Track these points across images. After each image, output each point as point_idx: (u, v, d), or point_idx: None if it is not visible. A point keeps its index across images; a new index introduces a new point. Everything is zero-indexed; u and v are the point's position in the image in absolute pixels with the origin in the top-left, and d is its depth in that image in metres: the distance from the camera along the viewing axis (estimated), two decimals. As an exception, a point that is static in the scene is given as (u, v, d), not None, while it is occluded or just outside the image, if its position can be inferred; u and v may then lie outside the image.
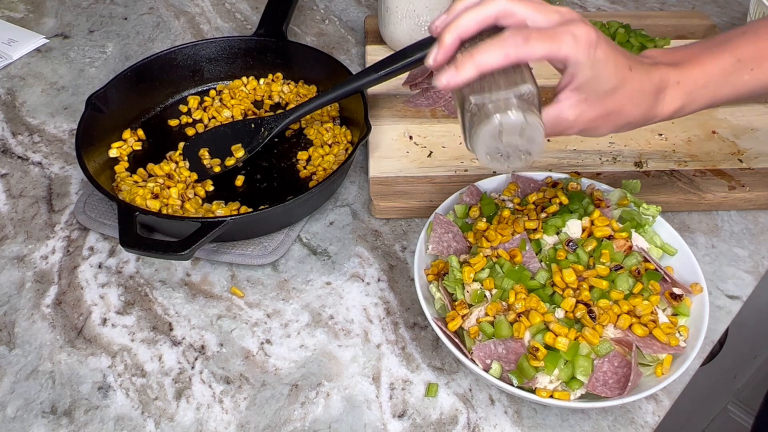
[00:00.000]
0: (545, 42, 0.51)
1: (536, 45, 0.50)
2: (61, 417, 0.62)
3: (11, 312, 0.70)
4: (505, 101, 0.51)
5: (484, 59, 0.50)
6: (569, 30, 0.51)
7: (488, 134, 0.51)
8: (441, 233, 0.68)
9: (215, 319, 0.69)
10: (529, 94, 0.51)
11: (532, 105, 0.51)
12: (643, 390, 0.57)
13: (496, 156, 0.53)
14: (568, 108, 0.54)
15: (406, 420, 0.62)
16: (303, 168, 0.81)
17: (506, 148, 0.53)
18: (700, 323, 0.61)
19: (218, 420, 0.62)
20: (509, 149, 0.53)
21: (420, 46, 0.79)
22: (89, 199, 0.78)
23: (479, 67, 0.50)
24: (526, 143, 0.52)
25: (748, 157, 0.82)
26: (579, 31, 0.51)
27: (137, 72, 0.86)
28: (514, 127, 0.51)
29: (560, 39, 0.51)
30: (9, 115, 0.92)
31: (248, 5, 1.11)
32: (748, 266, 0.73)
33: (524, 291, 0.62)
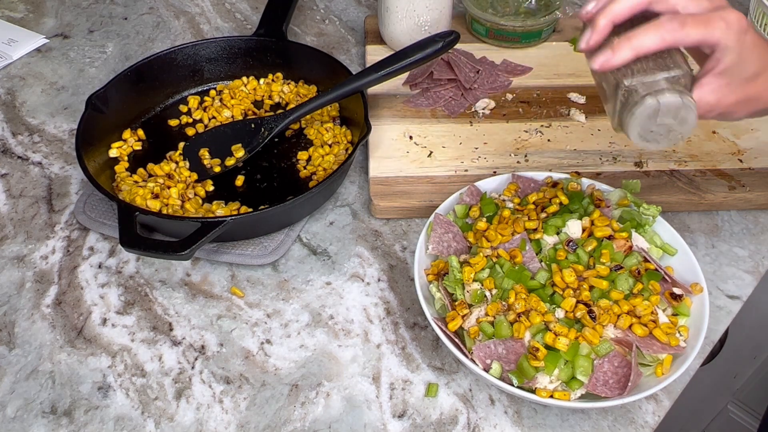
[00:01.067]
0: (700, 27, 0.52)
1: (691, 30, 0.52)
2: (61, 417, 0.62)
3: (11, 312, 0.70)
4: (663, 83, 0.53)
5: (641, 42, 0.52)
6: (721, 16, 0.53)
7: (645, 115, 0.53)
8: (441, 233, 0.68)
9: (215, 319, 0.69)
10: (684, 76, 0.54)
11: (686, 88, 0.54)
12: (643, 390, 0.57)
13: (648, 136, 0.55)
14: (710, 92, 0.55)
15: (406, 420, 0.62)
16: (303, 168, 0.81)
17: (659, 128, 0.54)
18: (700, 323, 0.61)
19: (218, 420, 0.62)
20: (661, 129, 0.55)
21: (420, 46, 0.79)
22: (89, 199, 0.78)
23: (636, 49, 0.53)
24: (678, 124, 0.54)
25: (748, 157, 0.82)
26: (730, 16, 0.53)
27: (137, 72, 0.86)
28: (670, 108, 0.53)
29: (714, 24, 0.52)
30: (9, 115, 0.92)
31: (248, 5, 1.11)
32: (748, 266, 0.73)
33: (524, 291, 0.62)
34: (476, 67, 0.93)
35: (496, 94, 0.91)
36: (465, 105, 0.89)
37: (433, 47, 0.79)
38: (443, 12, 0.94)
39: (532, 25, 0.96)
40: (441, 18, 0.94)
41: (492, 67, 0.94)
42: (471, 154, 0.83)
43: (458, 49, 0.94)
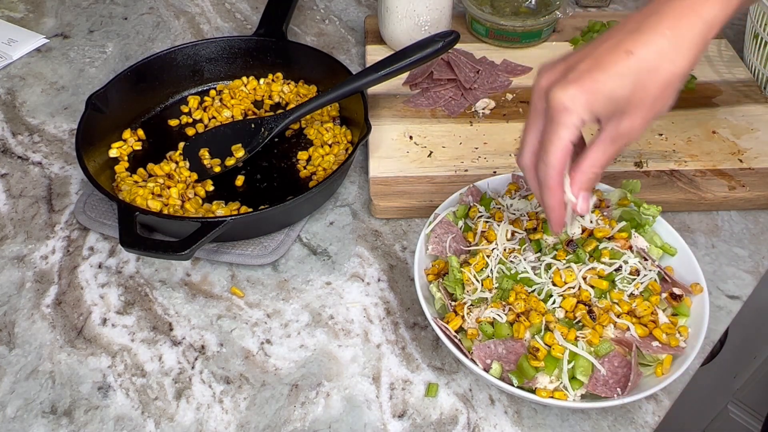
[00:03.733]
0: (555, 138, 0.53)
1: (553, 145, 0.53)
2: (61, 417, 0.62)
3: (11, 312, 0.70)
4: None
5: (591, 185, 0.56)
6: (552, 109, 0.52)
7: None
8: (441, 233, 0.68)
9: (215, 319, 0.69)
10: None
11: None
12: (643, 390, 0.57)
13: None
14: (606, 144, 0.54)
15: (406, 420, 0.62)
16: (303, 168, 0.81)
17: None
18: (700, 323, 0.61)
19: (218, 420, 0.62)
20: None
21: (420, 46, 0.79)
22: (89, 199, 0.78)
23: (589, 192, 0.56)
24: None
25: (748, 157, 0.82)
26: (555, 99, 0.52)
27: (137, 72, 0.86)
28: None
29: (555, 125, 0.53)
30: (9, 115, 0.92)
31: (248, 5, 1.11)
32: (748, 266, 0.73)
33: (524, 291, 0.62)
34: (476, 67, 0.93)
35: (496, 94, 0.91)
36: (465, 105, 0.89)
37: (433, 47, 0.79)
38: (443, 12, 0.94)
39: (532, 25, 0.96)
40: (441, 18, 0.94)
41: (492, 67, 0.94)
42: (471, 154, 0.83)
43: (458, 49, 0.94)
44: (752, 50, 0.92)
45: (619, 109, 0.52)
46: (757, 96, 0.90)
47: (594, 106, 0.52)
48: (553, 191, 0.55)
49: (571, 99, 0.51)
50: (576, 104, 0.51)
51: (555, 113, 0.52)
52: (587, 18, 1.04)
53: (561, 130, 0.52)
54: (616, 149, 0.54)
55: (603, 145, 0.54)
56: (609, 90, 0.51)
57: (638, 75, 0.51)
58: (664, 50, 0.51)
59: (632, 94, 0.51)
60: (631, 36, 0.52)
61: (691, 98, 0.90)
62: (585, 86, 0.51)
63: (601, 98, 0.51)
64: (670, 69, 0.51)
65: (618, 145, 0.54)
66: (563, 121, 0.52)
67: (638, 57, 0.51)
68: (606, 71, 0.51)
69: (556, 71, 0.54)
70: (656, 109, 0.53)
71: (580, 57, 0.53)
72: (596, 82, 0.51)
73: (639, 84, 0.51)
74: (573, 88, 0.51)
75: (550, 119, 0.53)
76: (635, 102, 0.52)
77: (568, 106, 0.51)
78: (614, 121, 0.53)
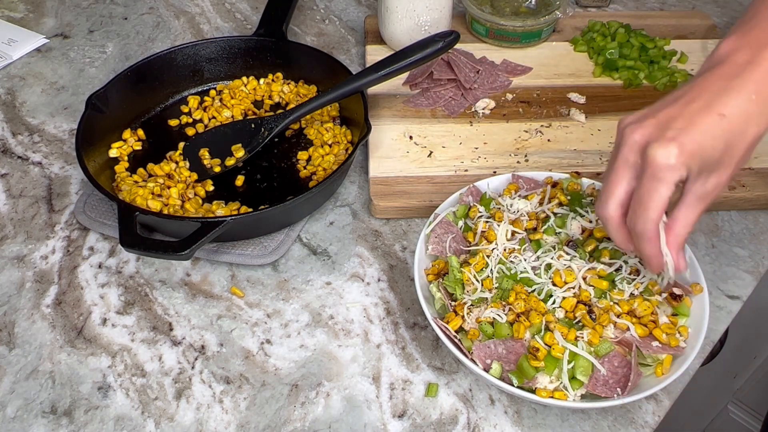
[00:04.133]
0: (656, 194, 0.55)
1: (654, 201, 0.55)
2: (61, 417, 0.62)
3: (11, 312, 0.70)
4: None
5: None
6: (653, 166, 0.54)
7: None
8: (441, 233, 0.68)
9: (215, 319, 0.69)
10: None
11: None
12: (643, 390, 0.57)
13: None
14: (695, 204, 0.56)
15: (406, 420, 0.62)
16: (303, 168, 0.81)
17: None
18: (700, 323, 0.61)
19: (218, 420, 0.62)
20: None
21: (420, 46, 0.79)
22: (89, 199, 0.78)
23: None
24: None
25: (748, 157, 0.82)
26: (658, 157, 0.53)
27: (137, 72, 0.86)
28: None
29: (658, 181, 0.54)
30: (9, 115, 0.92)
31: (248, 5, 1.11)
32: (748, 266, 0.73)
33: (524, 291, 0.62)
34: (476, 67, 0.93)
35: (496, 94, 0.91)
36: (465, 105, 0.89)
37: (433, 47, 0.79)
38: (443, 12, 0.94)
39: (532, 25, 0.96)
40: (441, 18, 0.94)
41: (492, 67, 0.94)
42: (471, 154, 0.83)
43: (458, 49, 0.94)
44: (752, 50, 0.92)
45: (707, 168, 0.54)
46: (757, 96, 0.90)
47: (690, 164, 0.54)
48: (653, 243, 0.57)
49: (673, 158, 0.53)
50: (678, 162, 0.53)
51: (657, 170, 0.54)
52: (587, 18, 1.04)
53: (662, 187, 0.54)
54: (703, 207, 0.56)
55: (692, 205, 0.56)
56: (704, 150, 0.53)
57: (730, 137, 0.54)
58: (752, 114, 0.54)
59: (723, 155, 0.54)
60: (721, 98, 0.54)
61: (691, 98, 0.89)
62: (684, 147, 0.53)
63: (697, 158, 0.53)
64: (756, 131, 0.54)
65: (705, 202, 0.56)
66: (665, 177, 0.54)
67: (730, 120, 0.53)
68: (703, 133, 0.53)
69: (648, 126, 0.55)
70: (739, 167, 0.56)
71: (673, 115, 0.55)
72: (694, 144, 0.53)
73: (729, 145, 0.54)
74: (673, 147, 0.53)
75: (652, 176, 0.54)
76: (724, 162, 0.54)
77: (671, 164, 0.53)
78: (701, 180, 0.55)
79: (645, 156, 0.54)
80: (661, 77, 0.92)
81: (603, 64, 0.95)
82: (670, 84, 0.91)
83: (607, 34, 0.98)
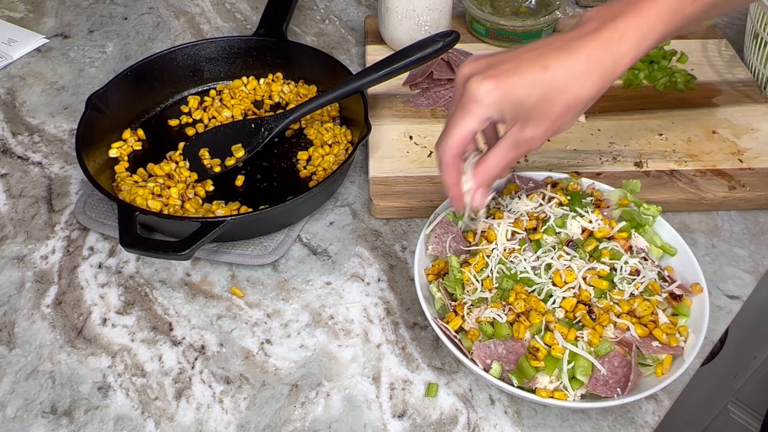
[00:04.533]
0: (460, 123, 0.57)
1: (455, 129, 0.57)
2: (61, 417, 0.62)
3: (11, 312, 0.70)
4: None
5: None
6: (464, 97, 0.56)
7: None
8: (441, 233, 0.68)
9: (215, 319, 0.69)
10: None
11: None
12: (643, 390, 0.57)
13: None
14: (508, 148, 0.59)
15: (406, 420, 0.62)
16: (303, 168, 0.81)
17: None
18: (700, 323, 0.61)
19: (218, 420, 0.62)
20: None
21: (420, 46, 0.79)
22: (89, 199, 0.78)
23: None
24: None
25: (748, 157, 0.82)
26: (470, 89, 0.56)
27: (137, 72, 0.86)
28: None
29: (464, 112, 0.57)
30: (9, 115, 0.92)
31: (248, 5, 1.11)
32: (748, 266, 0.73)
33: (524, 291, 0.62)
34: (476, 67, 0.93)
35: (496, 94, 0.91)
36: (465, 105, 0.89)
37: (433, 47, 0.79)
38: (443, 12, 0.94)
39: (532, 25, 0.96)
40: (441, 18, 0.94)
41: (492, 67, 0.94)
42: (471, 154, 0.83)
43: (458, 49, 0.94)
44: (752, 50, 0.92)
45: (523, 116, 0.56)
46: (757, 96, 0.90)
47: (503, 105, 0.56)
48: (447, 170, 0.59)
49: (484, 92, 0.55)
50: (487, 98, 0.55)
51: (467, 101, 0.56)
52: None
53: (467, 118, 0.57)
54: (516, 154, 0.58)
55: (504, 148, 0.58)
56: (519, 95, 0.55)
57: (548, 89, 0.55)
58: (577, 74, 0.55)
59: (538, 106, 0.55)
60: (553, 53, 0.56)
61: (691, 98, 0.90)
62: (499, 85, 0.55)
63: (511, 101, 0.55)
64: (577, 93, 0.55)
65: (518, 150, 0.58)
66: (472, 110, 0.56)
67: (552, 73, 0.55)
68: (522, 77, 0.55)
69: (479, 64, 0.57)
70: (556, 125, 0.57)
71: (505, 59, 0.57)
72: (510, 85, 0.55)
73: (546, 98, 0.55)
74: (489, 83, 0.55)
75: (462, 106, 0.57)
76: (540, 114, 0.56)
77: (479, 97, 0.55)
78: (517, 127, 0.57)
79: (464, 88, 0.57)
80: (661, 77, 0.92)
81: (603, 64, 0.94)
82: (670, 84, 0.91)
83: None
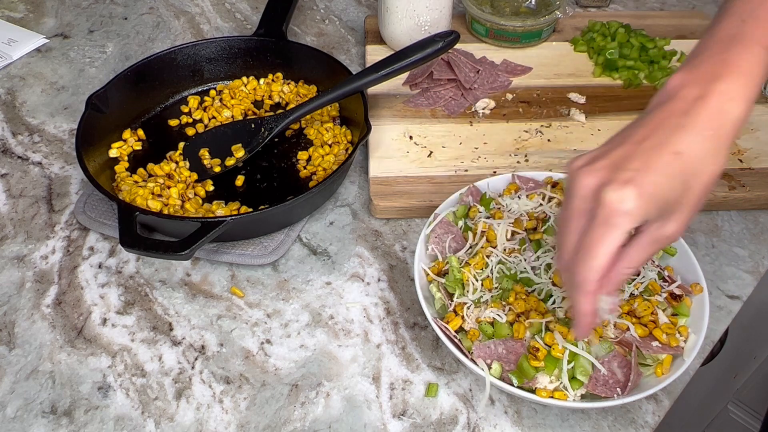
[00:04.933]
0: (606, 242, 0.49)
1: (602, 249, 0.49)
2: (61, 417, 0.62)
3: (11, 312, 0.70)
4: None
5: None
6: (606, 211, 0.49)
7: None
8: (441, 233, 0.68)
9: (215, 319, 0.69)
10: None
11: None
12: (643, 390, 0.57)
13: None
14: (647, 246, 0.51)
15: (406, 420, 0.62)
16: (303, 168, 0.81)
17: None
18: (700, 323, 0.61)
19: (218, 420, 0.62)
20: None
21: (420, 46, 0.79)
22: (89, 199, 0.78)
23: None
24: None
25: (748, 157, 0.82)
26: (613, 202, 0.49)
27: (137, 72, 0.86)
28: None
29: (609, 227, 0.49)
30: (9, 115, 0.92)
31: (248, 5, 1.11)
32: (748, 266, 0.73)
33: (524, 291, 0.62)
34: (476, 67, 0.93)
35: (496, 94, 0.91)
36: (465, 105, 0.89)
37: (433, 47, 0.79)
38: (443, 12, 0.94)
39: (532, 25, 0.96)
40: (441, 18, 0.94)
41: (492, 67, 0.94)
42: (471, 154, 0.83)
43: (458, 49, 0.94)
44: (752, 50, 0.92)
45: (666, 210, 0.50)
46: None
47: (648, 209, 0.49)
48: (590, 297, 0.51)
49: (630, 202, 0.48)
50: (635, 206, 0.49)
51: (611, 216, 0.49)
52: (587, 18, 1.04)
53: (614, 233, 0.49)
54: (654, 250, 0.52)
55: (644, 247, 0.51)
56: (662, 194, 0.49)
57: (686, 176, 0.50)
58: (707, 151, 0.50)
59: (680, 197, 0.50)
60: (675, 136, 0.50)
61: (691, 98, 0.90)
62: (642, 190, 0.49)
63: (656, 201, 0.49)
64: (713, 170, 0.50)
65: (658, 246, 0.52)
66: (620, 224, 0.49)
67: (686, 159, 0.49)
68: (659, 174, 0.49)
69: (601, 169, 0.51)
70: (696, 210, 0.51)
71: (625, 154, 0.51)
72: (652, 185, 0.49)
73: (686, 187, 0.50)
74: (630, 190, 0.48)
75: (604, 221, 0.49)
76: (682, 203, 0.50)
77: (628, 208, 0.48)
78: (658, 223, 0.51)
79: (599, 200, 0.49)
80: (661, 77, 0.92)
81: (603, 64, 0.95)
82: (670, 84, 0.91)
83: (607, 34, 0.98)
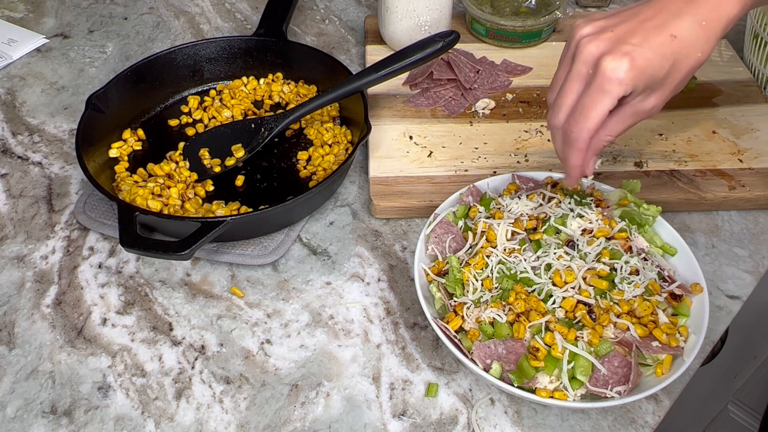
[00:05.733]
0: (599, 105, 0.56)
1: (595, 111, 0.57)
2: (61, 417, 0.62)
3: (11, 312, 0.70)
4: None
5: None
6: (603, 78, 0.55)
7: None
8: (441, 233, 0.68)
9: (215, 319, 0.69)
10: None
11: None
12: (643, 390, 0.57)
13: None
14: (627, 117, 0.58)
15: (406, 420, 0.62)
16: (303, 168, 0.81)
17: None
18: (700, 323, 0.61)
19: (218, 420, 0.62)
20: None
21: (420, 46, 0.79)
22: (89, 199, 0.78)
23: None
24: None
25: (748, 157, 0.82)
26: (609, 70, 0.55)
27: (137, 72, 0.86)
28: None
29: (603, 93, 0.56)
30: (9, 115, 0.92)
31: (248, 5, 1.11)
32: (748, 266, 0.73)
33: (524, 291, 0.62)
34: (476, 67, 0.93)
35: (496, 94, 0.91)
36: (465, 105, 0.89)
37: (433, 47, 0.79)
38: (443, 12, 0.94)
39: (532, 25, 0.96)
40: (441, 18, 0.94)
41: (492, 67, 0.94)
42: (471, 154, 0.83)
43: (458, 49, 0.94)
44: (752, 50, 0.92)
45: (650, 86, 0.56)
46: (757, 96, 0.90)
47: (638, 81, 0.55)
48: (581, 152, 0.59)
49: (622, 72, 0.55)
50: (626, 77, 0.55)
51: (606, 82, 0.55)
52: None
53: (606, 99, 0.56)
54: (633, 122, 0.58)
55: (623, 117, 0.58)
56: (653, 69, 0.55)
57: (676, 58, 0.56)
58: (699, 39, 0.56)
59: (667, 75, 0.56)
60: (675, 20, 0.56)
61: (691, 98, 0.90)
62: (636, 63, 0.55)
63: (645, 75, 0.55)
64: (699, 57, 0.56)
65: (637, 119, 0.58)
66: (612, 90, 0.55)
67: (680, 42, 0.55)
68: (655, 51, 0.55)
69: (606, 41, 0.56)
70: (675, 91, 0.58)
71: (628, 29, 0.56)
72: (645, 60, 0.55)
73: (675, 67, 0.56)
74: (625, 62, 0.54)
75: (599, 87, 0.56)
76: (665, 83, 0.56)
77: (621, 78, 0.55)
78: (641, 97, 0.57)
79: (597, 67, 0.56)
80: (661, 77, 0.92)
81: (603, 64, 0.94)
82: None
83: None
